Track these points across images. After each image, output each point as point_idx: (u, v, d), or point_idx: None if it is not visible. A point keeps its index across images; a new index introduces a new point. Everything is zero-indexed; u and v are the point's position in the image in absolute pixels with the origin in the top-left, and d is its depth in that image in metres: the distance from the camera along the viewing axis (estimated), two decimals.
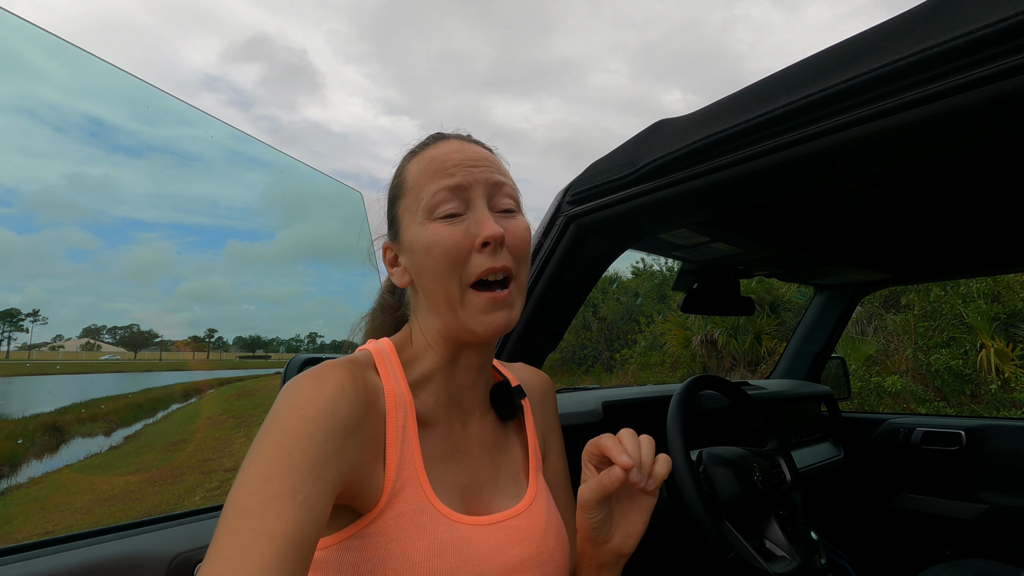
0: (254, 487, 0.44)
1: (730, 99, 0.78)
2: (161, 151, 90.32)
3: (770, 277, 1.79)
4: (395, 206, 0.63)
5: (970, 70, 0.55)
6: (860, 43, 0.64)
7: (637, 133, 0.95)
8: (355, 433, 0.50)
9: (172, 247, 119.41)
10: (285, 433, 0.46)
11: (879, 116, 0.61)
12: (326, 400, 0.48)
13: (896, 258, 1.63)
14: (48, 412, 16.06)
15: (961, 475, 1.77)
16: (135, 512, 6.01)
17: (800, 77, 0.68)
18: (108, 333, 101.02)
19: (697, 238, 1.25)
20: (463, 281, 0.57)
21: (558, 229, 1.02)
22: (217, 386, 28.46)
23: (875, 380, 6.95)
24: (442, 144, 0.62)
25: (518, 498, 0.63)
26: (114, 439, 13.09)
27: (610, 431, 1.27)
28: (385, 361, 0.59)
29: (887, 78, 0.60)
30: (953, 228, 1.32)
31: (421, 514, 0.53)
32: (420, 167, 0.61)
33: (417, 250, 0.58)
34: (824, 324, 2.08)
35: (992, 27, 0.52)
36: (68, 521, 6.04)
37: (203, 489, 6.68)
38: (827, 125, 0.65)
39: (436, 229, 0.57)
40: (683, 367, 10.56)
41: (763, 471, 1.12)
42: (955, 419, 1.86)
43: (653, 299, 13.38)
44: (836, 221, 1.27)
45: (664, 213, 0.92)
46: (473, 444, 0.63)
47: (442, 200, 0.57)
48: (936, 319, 7.04)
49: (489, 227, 0.56)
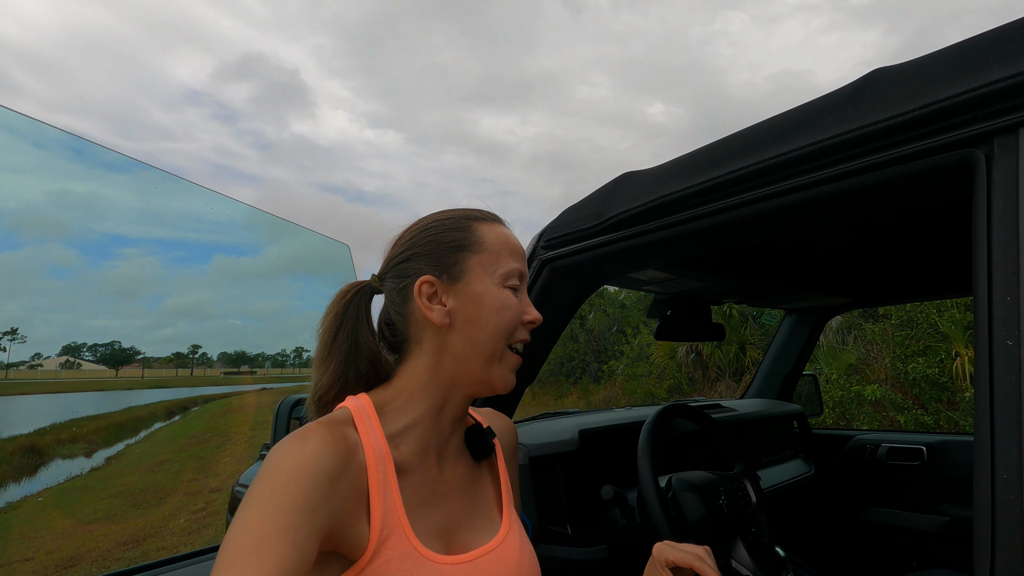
0: (250, 527, 0.49)
1: (687, 159, 0.86)
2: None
3: (739, 303, 1.88)
4: (462, 254, 0.68)
5: (881, 152, 0.63)
6: (793, 118, 0.73)
7: (604, 184, 1.03)
8: (338, 482, 0.56)
9: (157, 262, 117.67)
10: (276, 482, 0.52)
11: (812, 185, 0.69)
12: (311, 454, 0.54)
13: (856, 284, 1.72)
14: (26, 433, 15.71)
15: (924, 489, 1.86)
16: (117, 537, 5.91)
17: (745, 145, 0.77)
18: (88, 351, 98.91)
19: (665, 275, 1.33)
20: (507, 342, 0.69)
21: (534, 270, 1.10)
22: (202, 403, 28.06)
23: (855, 389, 7.09)
24: (505, 229, 0.74)
25: (492, 533, 0.69)
26: (95, 460, 12.85)
27: (587, 459, 1.33)
28: (364, 418, 0.63)
29: (815, 154, 0.68)
30: (906, 256, 1.41)
31: (406, 559, 0.58)
32: (497, 238, 0.70)
33: (487, 304, 0.67)
34: (793, 345, 2.17)
35: (895, 118, 0.61)
36: (49, 547, 5.93)
37: (188, 511, 6.60)
38: (770, 190, 0.73)
39: (509, 296, 0.68)
40: (669, 377, 10.66)
41: (728, 494, 1.18)
42: (918, 435, 1.95)
43: (639, 310, 13.51)
44: (797, 253, 1.36)
45: (630, 259, 0.99)
46: (449, 487, 0.69)
47: (513, 276, 0.70)
48: (912, 328, 7.21)
49: (534, 312, 0.71)
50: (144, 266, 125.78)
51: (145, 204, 65.60)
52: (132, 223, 76.78)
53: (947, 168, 0.59)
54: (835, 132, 0.66)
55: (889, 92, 0.63)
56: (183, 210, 50.61)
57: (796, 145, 0.69)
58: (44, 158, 26.98)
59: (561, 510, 1.21)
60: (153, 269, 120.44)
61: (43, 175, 27.25)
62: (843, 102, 0.67)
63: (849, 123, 0.65)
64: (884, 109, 0.62)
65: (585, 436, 1.30)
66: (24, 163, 22.36)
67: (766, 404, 2.05)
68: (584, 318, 14.44)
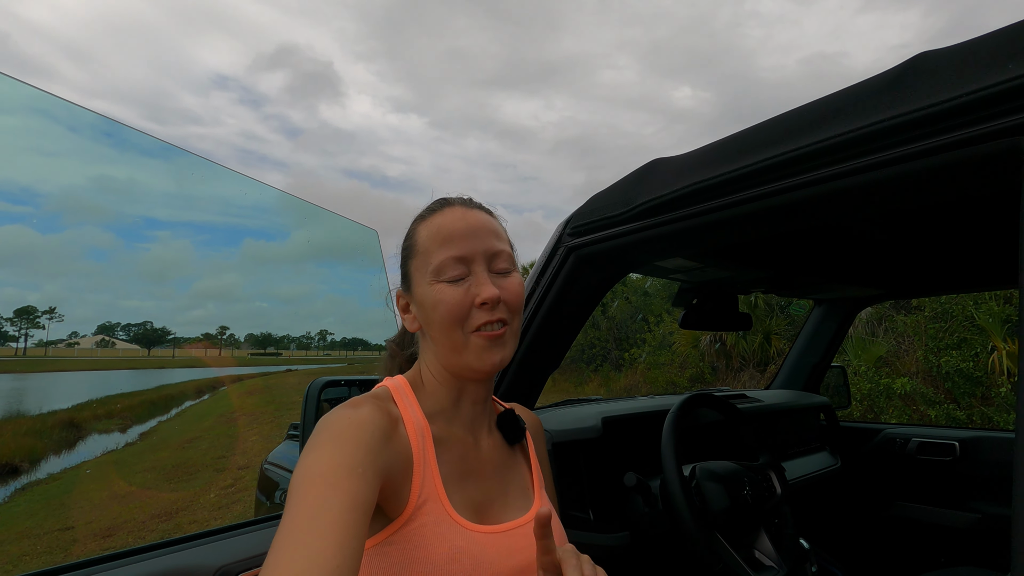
0: (322, 462, 0.52)
1: (717, 146, 0.84)
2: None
3: (767, 293, 1.84)
4: (407, 264, 0.72)
5: (923, 140, 0.61)
6: (830, 105, 0.70)
7: (632, 171, 1.01)
8: (389, 442, 0.59)
9: (189, 245, 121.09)
10: (338, 432, 0.55)
11: (847, 175, 0.67)
12: (366, 415, 0.58)
13: (889, 275, 1.67)
14: (65, 408, 16.39)
15: (955, 485, 1.81)
16: (151, 509, 6.15)
17: (778, 132, 0.75)
18: (122, 330, 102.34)
19: (692, 264, 1.31)
20: (465, 330, 0.67)
21: (559, 258, 1.09)
22: (230, 383, 28.85)
23: (885, 382, 6.93)
24: (448, 212, 0.71)
25: (526, 510, 0.72)
26: (129, 436, 13.34)
27: (610, 446, 1.33)
28: (402, 395, 0.68)
29: (852, 143, 0.66)
30: (942, 246, 1.37)
31: (440, 524, 0.61)
32: (428, 233, 0.70)
33: (426, 305, 0.68)
34: (822, 336, 2.13)
35: (940, 105, 0.58)
36: (87, 517, 6.20)
37: (217, 487, 6.82)
38: (802, 179, 0.71)
39: (441, 289, 0.67)
40: (692, 367, 10.57)
41: (753, 485, 1.18)
42: (949, 430, 1.90)
43: (662, 299, 13.38)
44: (829, 243, 1.32)
45: (657, 247, 0.98)
46: (485, 463, 0.72)
47: (447, 266, 0.67)
48: (947, 321, 6.99)
49: (487, 290, 0.66)
50: (177, 249, 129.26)
51: (179, 188, 66.99)
52: (165, 207, 78.81)
53: (992, 157, 0.57)
54: (876, 119, 0.63)
55: (934, 78, 0.60)
56: (215, 195, 51.79)
57: (833, 132, 0.67)
58: (81, 143, 27.78)
59: (583, 496, 1.21)
60: (185, 252, 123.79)
61: (83, 160, 27.78)
62: (885, 88, 0.65)
63: (891, 110, 0.62)
64: (928, 95, 0.59)
65: (608, 423, 1.30)
66: (64, 148, 23.07)
67: (792, 395, 2.02)
68: (606, 306, 14.36)
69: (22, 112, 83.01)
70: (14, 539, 5.56)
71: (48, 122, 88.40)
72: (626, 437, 1.36)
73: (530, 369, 1.16)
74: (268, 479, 2.22)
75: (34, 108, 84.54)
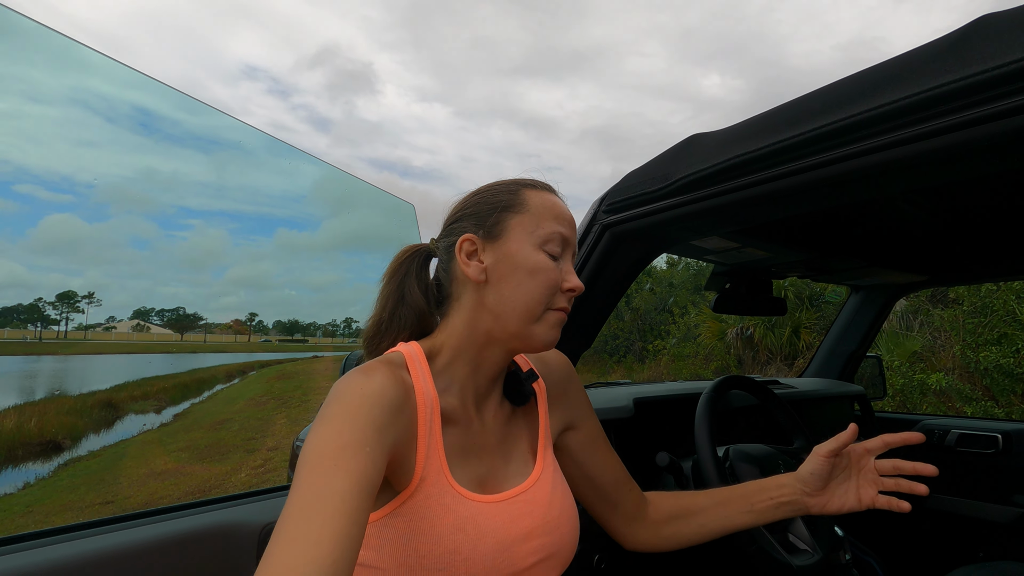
0: (329, 439, 0.52)
1: (761, 118, 0.82)
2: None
3: (803, 278, 1.80)
4: (504, 214, 0.70)
5: (989, 104, 0.58)
6: (885, 71, 0.68)
7: (671, 146, 1.00)
8: (398, 416, 0.59)
9: (226, 234, 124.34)
10: (348, 404, 0.56)
11: (904, 143, 0.65)
12: (378, 385, 0.58)
13: (934, 260, 1.62)
14: (104, 390, 17.02)
15: (996, 478, 1.76)
16: (185, 487, 6.37)
17: (828, 101, 0.72)
18: (156, 315, 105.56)
19: (728, 244, 1.29)
20: (548, 306, 0.69)
21: (594, 236, 1.08)
22: (258, 368, 29.55)
23: (919, 377, 6.74)
24: (556, 197, 0.74)
25: (526, 476, 0.72)
26: (164, 416, 13.81)
27: (641, 427, 1.33)
28: (416, 363, 0.67)
29: (910, 108, 0.63)
30: (994, 229, 1.31)
31: (444, 495, 0.62)
32: (543, 202, 0.71)
33: (521, 265, 0.68)
34: (859, 324, 2.08)
35: (1006, 67, 0.56)
36: (126, 492, 6.46)
37: (248, 467, 7.02)
38: (853, 149, 0.69)
39: (545, 260, 0.69)
40: (717, 359, 10.43)
41: (788, 468, 1.16)
42: (991, 422, 1.84)
43: (688, 290, 13.21)
44: (871, 225, 1.29)
45: (696, 224, 0.97)
46: (489, 438, 0.72)
47: (555, 240, 0.69)
48: (987, 315, 6.74)
49: (576, 281, 0.70)
50: (214, 237, 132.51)
51: (218, 178, 68.50)
52: (201, 196, 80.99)
53: None
54: (935, 83, 0.61)
55: (1000, 39, 0.57)
56: (252, 184, 52.89)
57: (892, 98, 0.65)
58: (120, 134, 28.58)
59: None
60: (221, 240, 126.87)
61: (126, 151, 28.47)
62: (945, 51, 0.62)
63: (952, 73, 0.60)
64: (993, 57, 0.57)
65: (640, 404, 1.29)
66: (104, 139, 23.76)
67: (826, 384, 1.97)
68: (631, 297, 14.24)
69: (61, 103, 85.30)
70: (58, 511, 5.83)
71: (87, 112, 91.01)
72: (657, 418, 1.36)
73: (561, 349, 1.16)
74: (298, 455, 2.28)
75: (73, 99, 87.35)
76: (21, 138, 72.32)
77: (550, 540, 0.68)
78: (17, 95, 54.23)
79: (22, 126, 72.30)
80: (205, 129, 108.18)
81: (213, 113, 8.68)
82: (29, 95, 51.29)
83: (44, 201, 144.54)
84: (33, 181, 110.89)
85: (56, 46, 1.06)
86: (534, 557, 0.66)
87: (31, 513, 5.88)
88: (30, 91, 53.66)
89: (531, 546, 0.66)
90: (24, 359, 39.79)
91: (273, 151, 14.15)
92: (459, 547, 0.60)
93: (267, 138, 9.96)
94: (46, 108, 65.75)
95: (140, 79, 1.28)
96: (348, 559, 0.46)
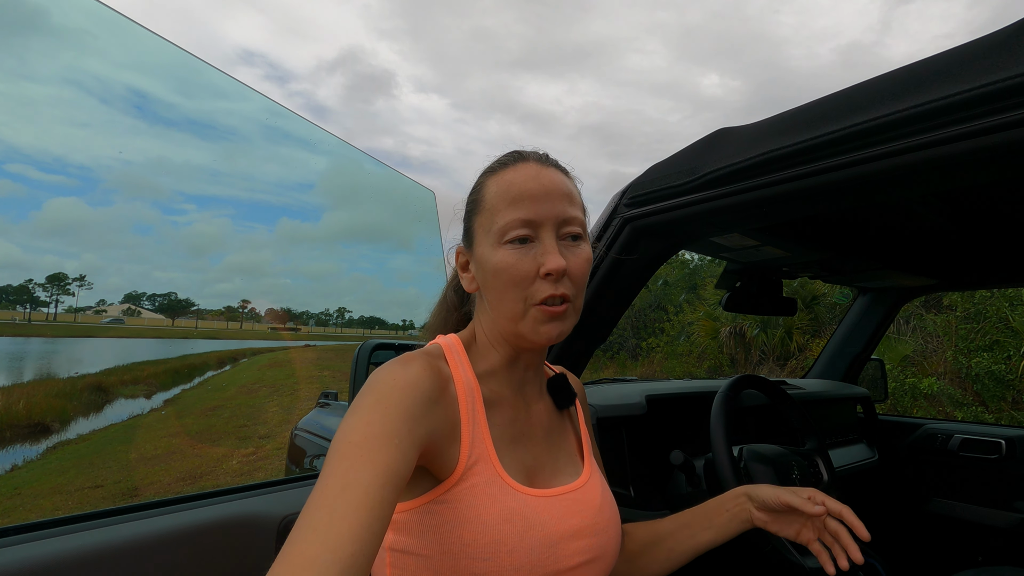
0: (359, 428, 0.52)
1: (792, 114, 0.81)
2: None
3: (814, 279, 1.79)
4: (471, 219, 0.68)
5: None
6: (930, 67, 0.66)
7: (697, 140, 0.98)
8: (435, 406, 0.58)
9: (228, 223, 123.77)
10: (382, 394, 0.55)
11: (945, 142, 0.63)
12: (414, 375, 0.57)
13: (945, 264, 1.61)
14: (93, 373, 16.90)
15: (998, 484, 1.76)
16: (176, 473, 6.32)
17: (864, 98, 0.70)
18: (148, 300, 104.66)
19: (748, 242, 1.27)
20: (527, 301, 0.63)
21: (614, 230, 1.06)
22: (250, 355, 29.43)
23: (910, 381, 6.80)
24: (521, 167, 0.65)
25: (575, 476, 0.71)
26: (154, 401, 13.73)
27: (654, 424, 1.31)
28: (454, 354, 0.67)
29: (955, 107, 0.62)
30: (1007, 235, 1.31)
31: (492, 485, 0.60)
32: (498, 189, 0.65)
33: (487, 268, 0.65)
34: (865, 326, 2.07)
35: None
36: (115, 476, 6.40)
37: (239, 454, 6.98)
38: (891, 148, 0.67)
39: (505, 255, 0.62)
40: (710, 358, 10.47)
41: (801, 470, 1.15)
42: (995, 428, 1.85)
43: (682, 288, 13.24)
44: (886, 226, 1.28)
45: (720, 220, 0.95)
46: (536, 428, 0.71)
47: (514, 228, 0.62)
48: (980, 322, 6.80)
49: (553, 260, 0.61)
50: (216, 224, 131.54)
51: (222, 165, 67.55)
52: (205, 182, 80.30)
53: None
54: (986, 80, 0.59)
55: None
56: (256, 172, 52.65)
57: (935, 96, 0.63)
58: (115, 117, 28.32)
59: (625, 472, 1.20)
60: (224, 228, 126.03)
61: (142, 137, 27.84)
62: (997, 47, 0.60)
63: (1006, 70, 0.58)
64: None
65: (652, 401, 1.28)
66: (97, 120, 23.49)
67: (831, 385, 1.97)
68: None
69: (56, 83, 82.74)
70: (47, 494, 5.78)
71: (81, 93, 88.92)
72: (669, 416, 1.34)
73: (576, 343, 1.15)
74: (297, 446, 2.26)
75: (68, 80, 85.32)
76: (70, 125, 70.15)
77: (597, 542, 0.67)
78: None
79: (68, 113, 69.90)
80: (200, 114, 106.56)
81: (211, 97, 8.53)
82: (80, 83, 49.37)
83: (49, 184, 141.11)
84: (34, 165, 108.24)
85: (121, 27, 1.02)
86: (580, 557, 0.64)
87: (19, 495, 5.82)
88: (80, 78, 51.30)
89: (578, 545, 0.64)
90: (12, 340, 39.37)
91: (308, 133, 13.65)
92: (505, 538, 0.58)
93: (301, 121, 9.79)
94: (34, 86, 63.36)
95: (146, 61, 1.24)
96: (367, 552, 0.45)
